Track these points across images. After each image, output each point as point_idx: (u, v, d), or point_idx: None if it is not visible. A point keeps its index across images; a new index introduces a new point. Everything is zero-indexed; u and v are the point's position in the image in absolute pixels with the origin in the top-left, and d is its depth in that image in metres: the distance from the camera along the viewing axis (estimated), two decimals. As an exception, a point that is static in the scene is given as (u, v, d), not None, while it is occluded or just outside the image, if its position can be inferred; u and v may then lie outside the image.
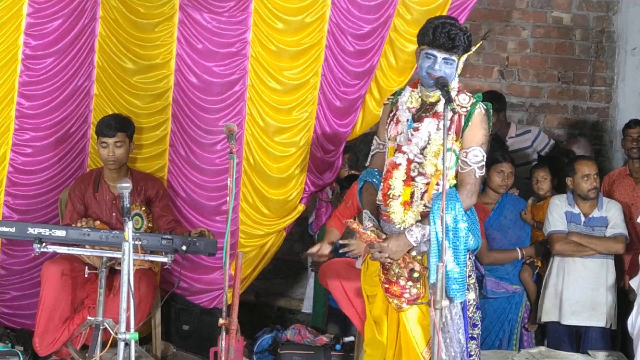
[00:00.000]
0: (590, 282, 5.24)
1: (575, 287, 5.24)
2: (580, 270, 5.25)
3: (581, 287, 5.24)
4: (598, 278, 5.25)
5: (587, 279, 5.24)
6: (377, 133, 4.10)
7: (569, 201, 5.31)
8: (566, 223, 5.27)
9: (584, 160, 5.38)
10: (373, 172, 4.04)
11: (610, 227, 5.26)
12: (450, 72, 3.76)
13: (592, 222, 5.28)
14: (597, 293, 5.23)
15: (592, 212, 5.30)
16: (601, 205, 5.30)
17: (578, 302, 5.24)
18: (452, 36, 3.70)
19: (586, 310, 5.23)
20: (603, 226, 5.27)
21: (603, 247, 5.23)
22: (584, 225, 5.28)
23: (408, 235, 3.74)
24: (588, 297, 5.23)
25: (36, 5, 5.07)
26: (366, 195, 4.03)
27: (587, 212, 5.30)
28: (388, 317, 3.91)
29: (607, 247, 5.23)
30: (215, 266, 5.43)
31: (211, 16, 5.23)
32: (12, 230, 4.50)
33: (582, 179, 5.24)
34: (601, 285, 5.24)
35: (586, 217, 5.29)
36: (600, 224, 5.28)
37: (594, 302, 5.23)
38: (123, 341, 3.69)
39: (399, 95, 3.98)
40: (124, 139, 4.97)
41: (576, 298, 5.23)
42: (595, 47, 6.66)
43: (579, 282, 5.24)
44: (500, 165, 5.40)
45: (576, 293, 5.23)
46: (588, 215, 5.29)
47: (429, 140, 3.80)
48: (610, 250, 5.24)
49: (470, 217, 3.84)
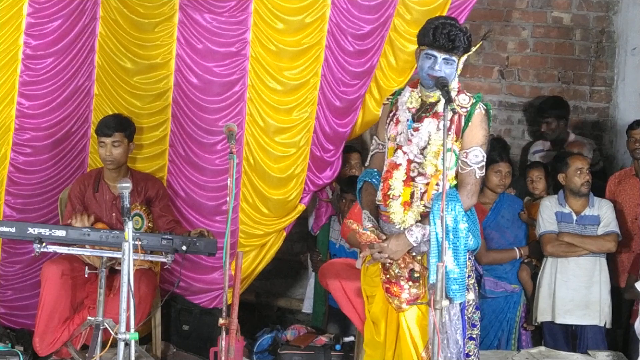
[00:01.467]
0: (583, 280, 5.24)
1: (569, 286, 5.24)
2: (573, 269, 5.25)
3: (574, 285, 5.24)
4: (591, 276, 5.24)
5: (580, 277, 5.25)
6: (376, 133, 4.10)
7: (559, 201, 5.32)
8: (556, 224, 5.28)
9: (576, 155, 5.41)
10: (372, 172, 4.04)
11: (602, 226, 5.26)
12: (450, 72, 3.77)
13: (583, 220, 5.28)
14: (590, 291, 5.23)
15: (583, 211, 5.30)
16: (592, 203, 5.30)
17: (572, 301, 5.23)
18: (452, 37, 3.71)
19: (580, 308, 5.23)
20: (595, 224, 5.27)
21: (595, 246, 5.23)
22: (575, 223, 5.28)
23: (408, 235, 3.74)
24: (582, 295, 5.22)
25: (36, 5, 5.08)
26: (365, 195, 4.03)
27: (579, 210, 5.30)
28: (388, 318, 3.91)
29: (599, 246, 5.23)
30: (215, 266, 5.43)
31: (211, 16, 5.23)
32: (12, 230, 4.50)
33: (575, 172, 5.26)
34: (594, 284, 5.24)
35: (578, 216, 5.29)
36: (592, 222, 5.28)
37: (587, 301, 5.23)
38: (123, 341, 3.69)
39: (399, 95, 3.98)
40: (122, 139, 4.97)
41: (570, 297, 5.23)
42: (595, 47, 6.66)
43: (571, 281, 5.24)
44: (497, 165, 5.41)
45: (569, 292, 5.23)
46: (579, 213, 5.29)
47: (429, 140, 3.81)
48: (602, 248, 5.24)
49: (470, 218, 3.84)
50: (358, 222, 3.93)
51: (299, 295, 6.60)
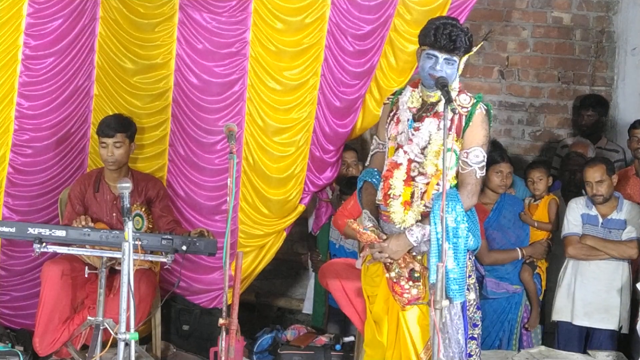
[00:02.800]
0: (604, 284, 5.21)
1: (589, 289, 5.22)
2: (594, 271, 5.22)
3: (594, 288, 5.21)
4: (612, 280, 5.21)
5: (600, 280, 5.21)
6: (377, 133, 4.10)
7: (586, 204, 5.28)
8: (582, 226, 5.25)
9: (589, 167, 5.26)
10: (372, 171, 4.04)
11: (626, 232, 5.21)
12: (451, 72, 3.77)
13: (609, 224, 5.23)
14: (609, 295, 5.20)
15: (610, 214, 5.24)
16: (621, 207, 5.25)
17: (591, 304, 5.21)
18: (454, 37, 3.71)
19: (599, 312, 5.21)
20: (621, 229, 5.22)
21: (617, 251, 5.18)
22: (601, 226, 5.24)
23: (408, 235, 3.74)
24: (601, 299, 5.20)
25: (36, 6, 5.07)
26: (365, 195, 4.02)
27: (606, 213, 5.25)
28: (388, 317, 3.91)
29: (621, 252, 5.18)
30: (215, 266, 5.43)
31: (211, 16, 5.23)
32: (12, 230, 4.49)
33: (587, 184, 5.21)
34: (614, 288, 5.20)
35: (604, 219, 5.24)
36: (617, 227, 5.22)
37: (606, 305, 5.20)
38: (123, 341, 3.69)
39: (399, 95, 3.98)
40: (124, 140, 4.97)
41: (589, 299, 5.21)
42: (595, 47, 6.65)
43: (592, 284, 5.21)
44: (498, 165, 5.40)
45: (589, 294, 5.21)
46: (606, 217, 5.24)
47: (430, 140, 3.80)
48: (624, 255, 5.19)
49: (471, 218, 3.84)
50: (352, 217, 3.91)
51: (299, 295, 6.60)
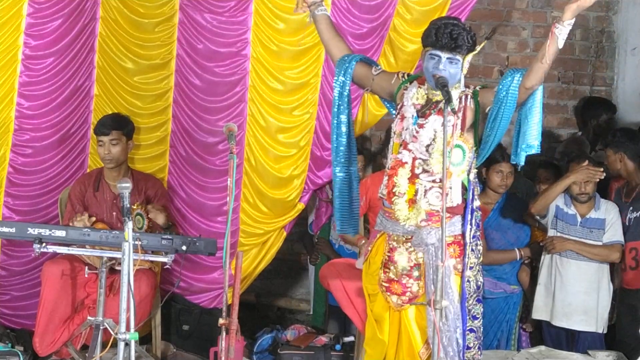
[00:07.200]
0: (584, 285, 5.17)
1: (568, 290, 5.17)
2: (574, 272, 5.18)
3: (574, 290, 5.17)
4: (592, 282, 5.17)
5: (581, 282, 5.17)
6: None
7: (565, 201, 5.22)
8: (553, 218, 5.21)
9: (579, 165, 5.17)
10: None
11: (607, 235, 5.17)
12: (455, 71, 3.76)
13: (589, 223, 5.20)
14: (590, 297, 5.16)
15: (588, 213, 5.22)
16: (598, 206, 5.22)
17: (570, 305, 5.17)
18: (455, 36, 3.71)
19: (578, 314, 5.17)
20: (600, 228, 5.19)
21: (600, 256, 5.16)
22: (580, 226, 5.21)
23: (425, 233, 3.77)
24: (580, 300, 5.15)
25: (36, 5, 5.07)
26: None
27: (584, 213, 5.22)
28: (389, 315, 3.92)
29: (604, 257, 5.16)
30: (215, 266, 5.43)
31: (211, 16, 5.23)
32: (12, 230, 4.49)
33: (573, 183, 5.15)
34: (594, 290, 5.16)
35: (582, 218, 5.21)
36: (597, 226, 5.19)
37: (586, 307, 5.15)
38: (123, 341, 3.69)
39: (408, 83, 3.95)
40: (120, 137, 4.97)
41: (568, 300, 5.17)
42: (595, 47, 6.66)
43: (572, 285, 5.17)
44: (499, 165, 5.38)
45: (568, 296, 5.17)
46: (585, 216, 5.22)
47: (435, 137, 3.79)
48: (607, 259, 5.17)
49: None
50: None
51: (299, 295, 6.61)
